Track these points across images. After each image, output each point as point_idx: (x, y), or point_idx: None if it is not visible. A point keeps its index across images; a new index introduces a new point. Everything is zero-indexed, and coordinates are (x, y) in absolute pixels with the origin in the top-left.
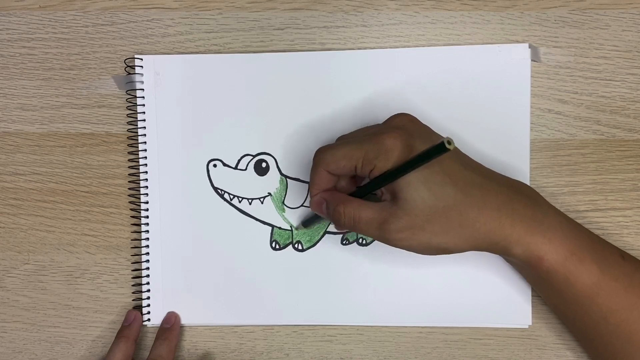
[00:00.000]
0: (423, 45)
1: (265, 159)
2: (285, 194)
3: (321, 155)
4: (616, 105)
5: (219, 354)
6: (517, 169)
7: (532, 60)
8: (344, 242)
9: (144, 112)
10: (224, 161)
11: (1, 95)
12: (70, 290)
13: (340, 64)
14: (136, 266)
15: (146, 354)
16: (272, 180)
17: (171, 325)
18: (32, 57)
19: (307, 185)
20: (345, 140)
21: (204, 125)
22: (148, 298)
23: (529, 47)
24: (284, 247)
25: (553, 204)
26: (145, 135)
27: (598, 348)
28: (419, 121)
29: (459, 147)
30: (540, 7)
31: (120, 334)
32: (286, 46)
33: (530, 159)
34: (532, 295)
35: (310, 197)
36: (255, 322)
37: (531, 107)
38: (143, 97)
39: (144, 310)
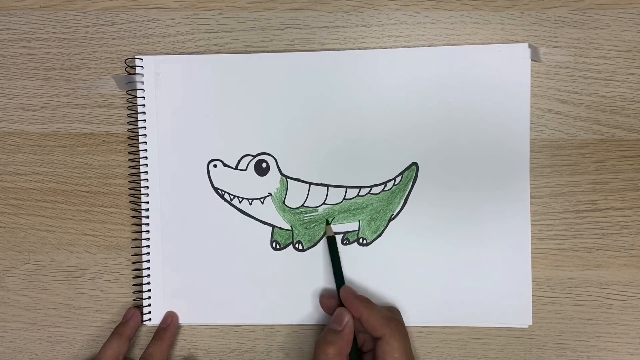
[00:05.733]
0: (423, 45)
1: (266, 159)
2: (286, 194)
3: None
4: (616, 105)
5: (219, 354)
6: (517, 169)
7: (532, 60)
8: (344, 242)
9: (144, 112)
10: (224, 161)
11: (2, 95)
12: (71, 290)
13: (340, 64)
14: (136, 266)
15: None
16: (272, 181)
17: (167, 325)
18: (32, 57)
19: (307, 185)
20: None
21: (204, 125)
22: (148, 298)
23: (529, 47)
24: (285, 247)
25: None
26: (145, 135)
27: None
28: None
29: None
30: (540, 7)
31: (114, 331)
32: (286, 46)
33: (530, 159)
34: (532, 295)
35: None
36: (255, 322)
37: (531, 107)
38: (143, 97)
39: (145, 309)
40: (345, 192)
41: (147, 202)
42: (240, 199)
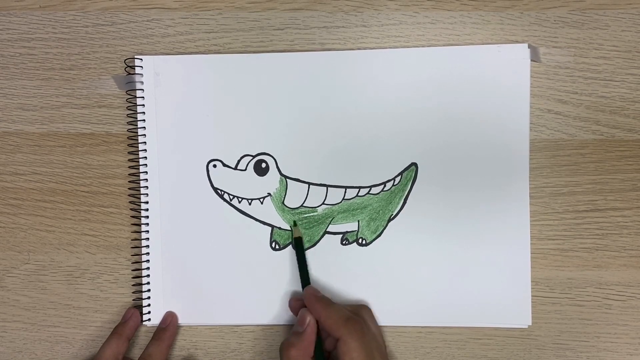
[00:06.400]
0: (423, 46)
1: (265, 159)
2: (285, 194)
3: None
4: (616, 105)
5: (219, 354)
6: (517, 169)
7: (531, 60)
8: (344, 242)
9: (144, 112)
10: (224, 161)
11: (1, 95)
12: (71, 290)
13: (340, 64)
14: (136, 266)
15: None
16: (271, 181)
17: (166, 325)
18: (32, 57)
19: (306, 185)
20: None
21: (204, 125)
22: (148, 298)
23: (529, 47)
24: (284, 247)
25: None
26: (145, 135)
27: None
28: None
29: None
30: (540, 7)
31: (113, 331)
32: (286, 46)
33: (530, 159)
34: (532, 296)
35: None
36: (255, 322)
37: (531, 107)
38: (143, 97)
39: (144, 310)
40: (345, 192)
41: (147, 202)
42: (240, 199)
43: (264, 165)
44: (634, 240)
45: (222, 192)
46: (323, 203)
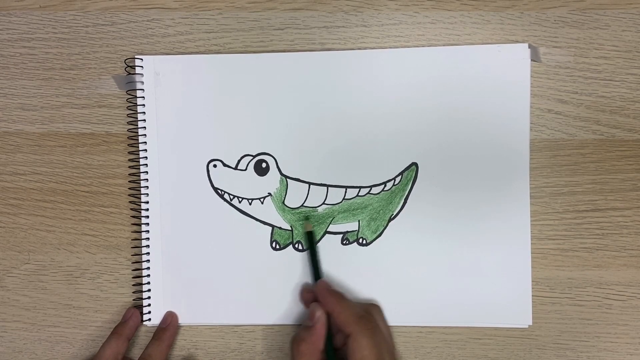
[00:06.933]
0: (423, 45)
1: (265, 159)
2: (286, 194)
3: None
4: (616, 105)
5: (219, 354)
6: (517, 169)
7: (532, 60)
8: (344, 242)
9: (144, 112)
10: (224, 161)
11: (1, 95)
12: (71, 290)
13: (340, 64)
14: (136, 266)
15: None
16: (272, 181)
17: (167, 325)
18: (32, 57)
19: (307, 185)
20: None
21: (204, 125)
22: (148, 298)
23: (529, 47)
24: (284, 247)
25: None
26: (145, 135)
27: None
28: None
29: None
30: (540, 7)
31: (113, 331)
32: (286, 46)
33: (530, 159)
34: (532, 295)
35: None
36: (255, 322)
37: (531, 107)
38: (143, 97)
39: (144, 309)
40: (345, 192)
41: (147, 202)
42: (240, 199)
43: (264, 165)
44: (634, 240)
45: (223, 192)
46: (323, 203)
